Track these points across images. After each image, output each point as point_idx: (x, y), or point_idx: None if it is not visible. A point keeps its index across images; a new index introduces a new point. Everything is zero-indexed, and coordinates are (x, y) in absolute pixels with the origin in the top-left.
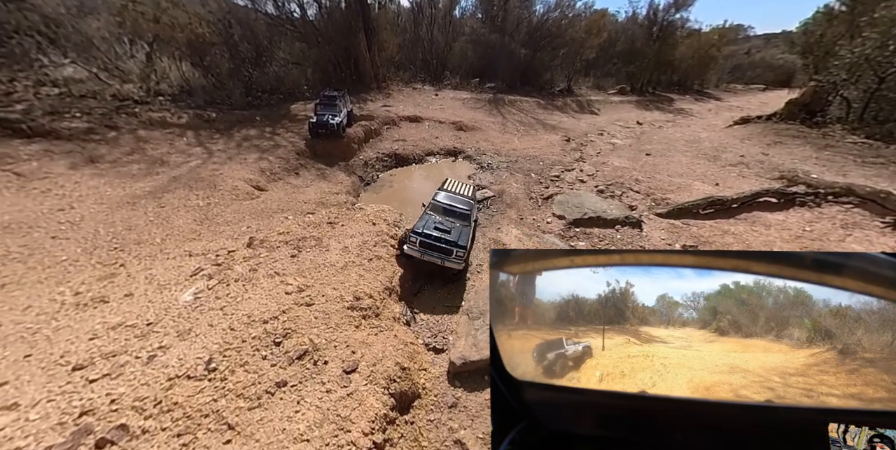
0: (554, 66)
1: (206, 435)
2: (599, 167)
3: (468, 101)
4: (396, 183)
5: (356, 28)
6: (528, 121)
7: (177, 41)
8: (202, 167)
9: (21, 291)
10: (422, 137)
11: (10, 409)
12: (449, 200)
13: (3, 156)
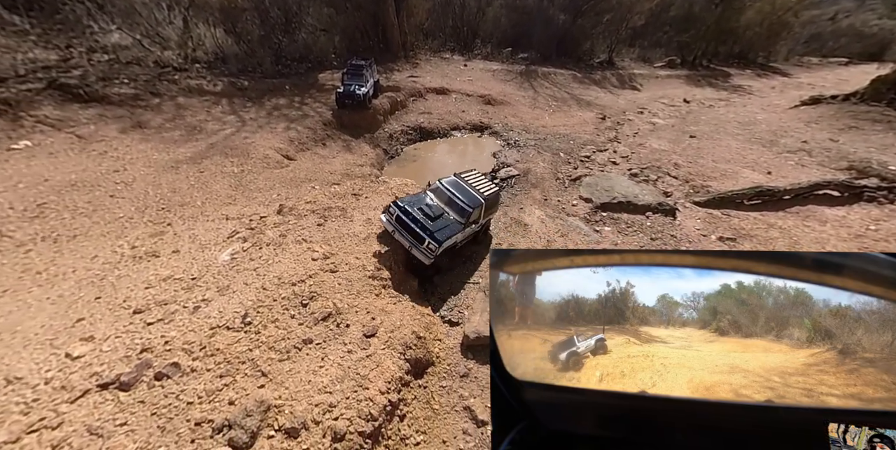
0: (595, 35)
1: (244, 379)
2: (635, 149)
3: (498, 73)
4: (420, 157)
5: None
6: (561, 96)
7: (210, 6)
8: (236, 135)
9: (89, 242)
10: (448, 110)
11: (88, 340)
12: (456, 188)
13: (66, 119)
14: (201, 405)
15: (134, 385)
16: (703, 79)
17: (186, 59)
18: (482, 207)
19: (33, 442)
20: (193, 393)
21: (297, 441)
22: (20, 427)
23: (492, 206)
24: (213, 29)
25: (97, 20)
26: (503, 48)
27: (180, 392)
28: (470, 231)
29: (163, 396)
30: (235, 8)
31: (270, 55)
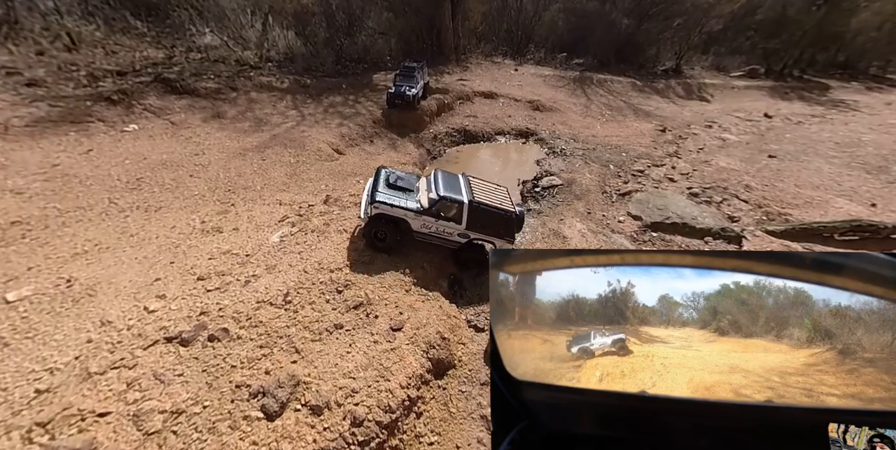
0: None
1: (280, 352)
2: (699, 166)
3: (550, 79)
4: (462, 160)
5: None
6: (616, 104)
7: (286, 12)
8: (295, 128)
9: (170, 213)
10: (494, 114)
11: (161, 298)
12: (446, 180)
13: (164, 108)
14: (242, 370)
15: (192, 343)
16: (792, 91)
17: (261, 59)
18: (462, 207)
19: (114, 377)
20: (237, 358)
21: (319, 419)
22: (107, 363)
23: (489, 221)
24: (286, 32)
25: (196, 24)
26: (557, 53)
27: (227, 355)
28: (431, 222)
29: (213, 356)
30: (307, 13)
31: (332, 56)
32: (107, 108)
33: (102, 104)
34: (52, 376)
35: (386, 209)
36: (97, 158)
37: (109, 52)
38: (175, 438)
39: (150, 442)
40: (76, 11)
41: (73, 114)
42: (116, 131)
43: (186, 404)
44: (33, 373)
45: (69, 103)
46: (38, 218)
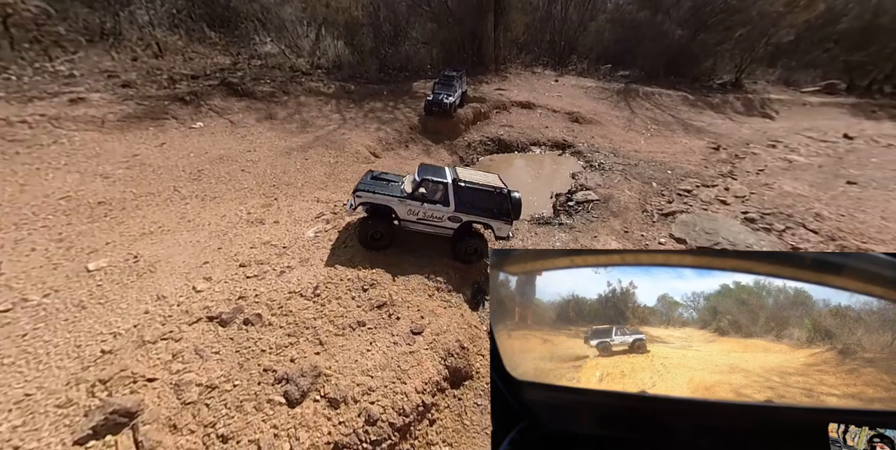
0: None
1: (305, 342)
2: (757, 189)
3: (591, 90)
4: (494, 169)
5: (487, 8)
6: (664, 119)
7: (338, 23)
8: (336, 131)
9: (222, 203)
10: (531, 124)
11: (208, 280)
12: (430, 168)
13: (226, 108)
14: (270, 355)
15: (229, 324)
16: (881, 109)
17: (312, 66)
18: (447, 187)
19: (163, 347)
20: (266, 343)
21: (336, 412)
22: (158, 333)
23: (479, 201)
24: (336, 41)
25: (259, 34)
26: (601, 64)
27: (258, 340)
28: (417, 206)
29: (246, 338)
30: (357, 24)
31: (376, 64)
32: (180, 107)
33: (177, 104)
34: (114, 339)
35: (369, 197)
36: (168, 151)
37: (187, 58)
38: (207, 410)
39: (185, 411)
40: (165, 24)
41: (154, 111)
42: (185, 128)
43: (219, 381)
44: (101, 335)
45: (151, 102)
46: (118, 200)
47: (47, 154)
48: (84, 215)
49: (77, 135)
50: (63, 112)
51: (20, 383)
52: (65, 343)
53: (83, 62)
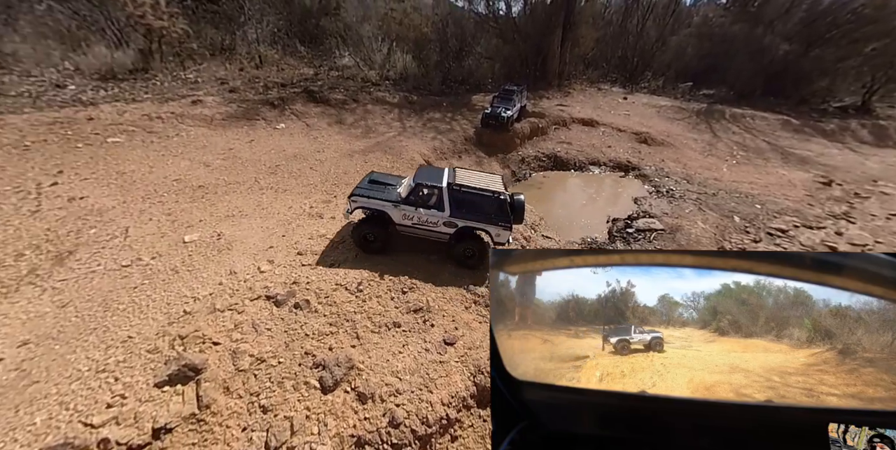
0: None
1: (343, 334)
2: (886, 238)
3: (665, 110)
4: (546, 186)
5: (555, 23)
6: (755, 145)
7: (408, 39)
8: (395, 138)
9: (290, 196)
10: (591, 143)
11: (270, 262)
12: (426, 172)
13: (304, 113)
14: (312, 340)
15: (282, 305)
16: None
17: (381, 77)
18: (441, 192)
19: (228, 317)
20: (311, 328)
21: (363, 406)
22: (227, 304)
23: (475, 205)
24: (405, 55)
25: (339, 49)
26: (680, 82)
27: (304, 324)
28: (411, 211)
29: (294, 321)
30: (425, 40)
31: (439, 76)
32: (269, 110)
33: (267, 107)
34: (194, 303)
35: (363, 202)
36: (255, 147)
37: (280, 69)
38: (254, 380)
39: (237, 377)
40: (267, 40)
41: (248, 113)
42: (271, 128)
43: (268, 356)
44: (185, 297)
45: (248, 105)
46: (213, 185)
47: (170, 144)
48: (187, 196)
49: (192, 130)
50: (186, 111)
51: (126, 327)
52: (160, 299)
53: (205, 71)
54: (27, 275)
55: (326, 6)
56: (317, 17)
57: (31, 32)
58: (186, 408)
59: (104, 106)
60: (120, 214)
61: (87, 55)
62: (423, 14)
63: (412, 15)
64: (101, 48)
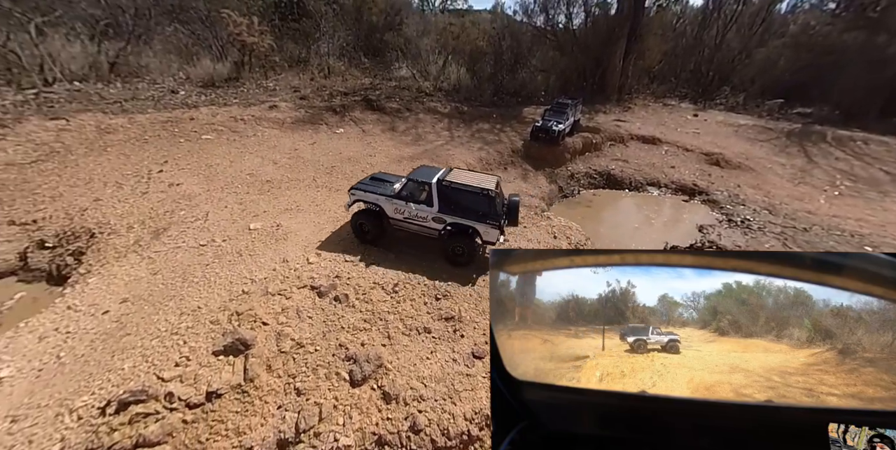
0: None
1: (376, 332)
2: None
3: (745, 130)
4: (596, 204)
5: (618, 35)
6: (869, 174)
7: (464, 52)
8: (443, 147)
9: (341, 195)
10: (651, 162)
11: (318, 256)
12: (422, 171)
13: (361, 119)
14: (346, 334)
15: (324, 296)
16: None
17: (435, 88)
18: (430, 188)
19: (277, 301)
20: (346, 322)
21: (387, 406)
22: (277, 288)
23: (463, 203)
24: (460, 68)
25: (398, 61)
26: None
27: (341, 316)
28: (402, 205)
29: (332, 313)
30: (480, 53)
31: (491, 88)
32: (331, 116)
33: (329, 113)
34: (251, 284)
35: (360, 195)
36: (316, 148)
37: (345, 79)
38: (292, 363)
39: (278, 358)
40: (336, 53)
41: (313, 118)
42: (331, 132)
43: (306, 342)
44: (244, 278)
45: (314, 111)
46: (278, 181)
47: (248, 142)
48: (256, 188)
49: (267, 131)
50: (263, 114)
51: (197, 298)
52: (225, 278)
53: (282, 81)
54: (133, 244)
55: (391, 22)
56: (381, 32)
57: (160, 49)
58: (235, 378)
59: (203, 108)
60: (204, 200)
61: (195, 67)
62: (480, 28)
63: (470, 29)
64: (207, 61)
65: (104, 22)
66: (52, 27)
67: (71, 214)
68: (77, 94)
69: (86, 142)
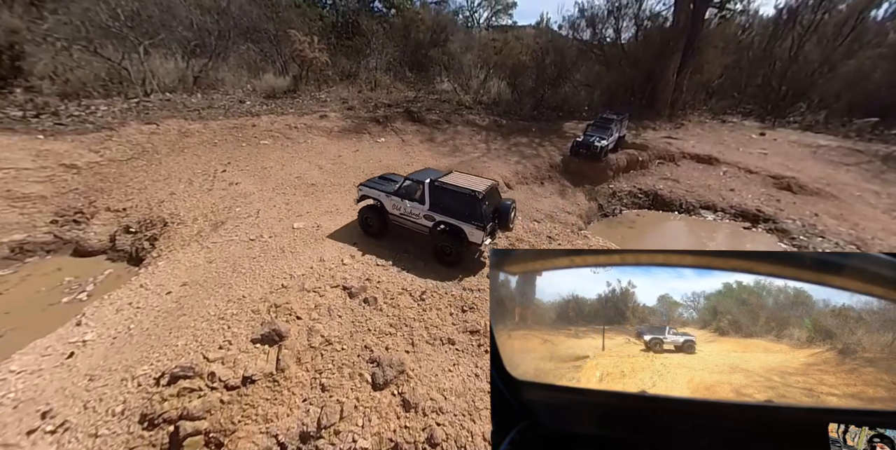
0: None
1: (401, 338)
2: None
3: (826, 151)
4: (640, 226)
5: (673, 49)
6: None
7: (506, 66)
8: (479, 159)
9: None
10: (706, 183)
11: (352, 258)
12: (421, 172)
13: (402, 130)
14: (372, 336)
15: (355, 297)
16: None
17: (475, 101)
18: (424, 187)
19: (311, 298)
20: (373, 325)
21: (406, 414)
22: (313, 285)
23: (451, 202)
24: (501, 82)
25: (441, 75)
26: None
27: (369, 319)
28: (399, 202)
29: (360, 314)
30: (523, 67)
31: (532, 102)
32: (374, 126)
33: (373, 123)
34: (290, 279)
35: (366, 191)
36: (358, 156)
37: (389, 91)
38: (320, 359)
39: (308, 352)
40: (383, 68)
41: (358, 127)
42: (373, 141)
43: (334, 340)
44: (284, 273)
45: (359, 121)
46: (321, 184)
47: (299, 148)
48: (302, 190)
49: (316, 138)
50: (314, 123)
51: (242, 288)
52: (268, 271)
53: (333, 93)
54: (195, 234)
55: (437, 39)
56: (427, 48)
57: (234, 64)
58: (268, 366)
59: (263, 117)
60: (257, 199)
61: (261, 80)
62: (523, 43)
63: (513, 44)
64: (270, 75)
65: (193, 43)
66: (155, 48)
67: (151, 205)
68: (167, 103)
69: (169, 143)
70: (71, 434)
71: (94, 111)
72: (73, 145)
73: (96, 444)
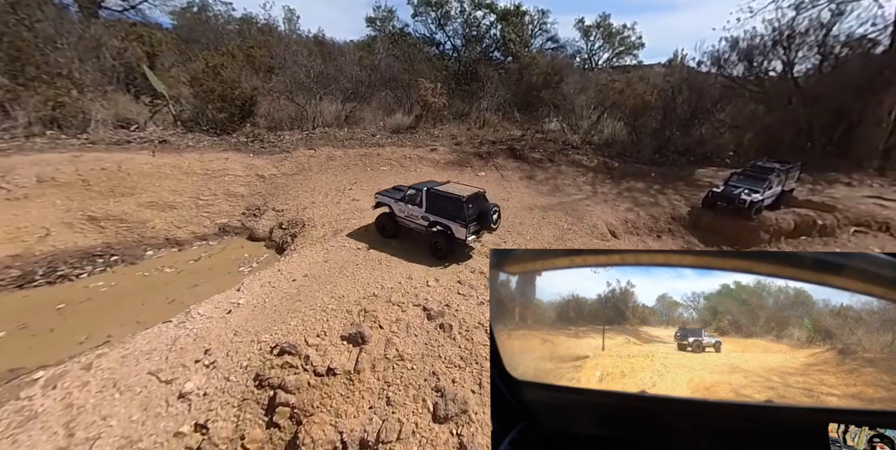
0: None
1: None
2: None
3: None
4: None
5: (889, 80)
6: None
7: (625, 106)
8: (581, 202)
9: None
10: None
11: (436, 281)
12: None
13: (503, 165)
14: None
15: (432, 319)
16: None
17: (583, 141)
18: (422, 193)
19: (395, 311)
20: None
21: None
22: (398, 299)
23: (442, 205)
24: (616, 122)
25: (549, 115)
26: None
27: (441, 345)
28: (404, 206)
29: (434, 338)
30: (645, 107)
31: (654, 145)
32: (476, 160)
33: (475, 158)
34: (380, 290)
35: (380, 198)
36: None
37: (496, 130)
38: (391, 372)
39: (382, 362)
40: (493, 108)
41: (462, 161)
42: (474, 173)
43: (407, 357)
44: (377, 283)
45: (464, 155)
46: None
47: (409, 175)
48: None
49: (424, 168)
50: (425, 155)
51: (343, 288)
52: (365, 278)
53: (445, 130)
54: (321, 237)
55: (549, 81)
56: (539, 90)
57: (374, 106)
58: (349, 364)
59: (387, 147)
60: (370, 214)
61: (390, 118)
62: (649, 83)
63: (636, 84)
64: (399, 115)
65: (350, 91)
66: (326, 95)
67: (298, 210)
68: (325, 134)
69: (319, 164)
70: (216, 372)
71: (282, 139)
72: (265, 162)
73: (227, 385)
